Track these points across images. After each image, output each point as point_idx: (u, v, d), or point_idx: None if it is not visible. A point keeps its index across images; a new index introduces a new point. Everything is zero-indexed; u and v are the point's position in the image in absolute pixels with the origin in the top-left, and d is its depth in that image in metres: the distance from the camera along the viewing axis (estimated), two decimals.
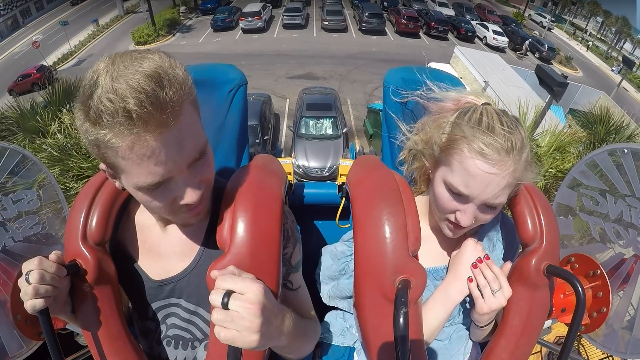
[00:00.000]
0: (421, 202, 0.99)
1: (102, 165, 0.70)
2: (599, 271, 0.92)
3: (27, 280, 0.68)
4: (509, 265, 0.87)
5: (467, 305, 0.97)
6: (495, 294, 0.83)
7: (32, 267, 0.69)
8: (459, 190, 0.79)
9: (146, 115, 0.57)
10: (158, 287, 0.85)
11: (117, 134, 0.58)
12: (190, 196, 0.69)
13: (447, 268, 0.95)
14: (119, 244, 0.87)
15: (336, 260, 1.07)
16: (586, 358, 3.15)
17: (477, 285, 0.85)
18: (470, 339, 1.03)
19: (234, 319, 0.58)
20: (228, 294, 0.59)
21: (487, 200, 0.78)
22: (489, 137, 0.75)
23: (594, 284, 0.93)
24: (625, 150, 0.99)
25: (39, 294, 0.68)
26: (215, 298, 0.59)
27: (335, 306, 1.11)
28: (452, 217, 0.84)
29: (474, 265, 0.87)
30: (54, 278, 0.71)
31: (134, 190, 0.67)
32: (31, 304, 0.68)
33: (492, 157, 0.74)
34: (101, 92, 0.56)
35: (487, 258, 0.87)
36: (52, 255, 0.74)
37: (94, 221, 0.79)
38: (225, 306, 0.58)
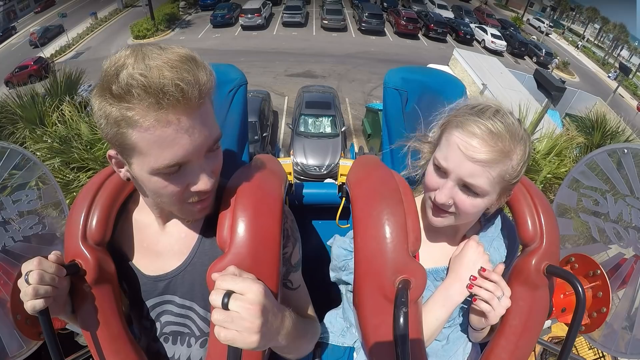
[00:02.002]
0: (421, 203, 0.99)
1: (111, 151, 0.69)
2: (599, 271, 0.92)
3: (27, 281, 0.67)
4: (501, 267, 0.87)
5: (466, 306, 0.97)
6: (501, 300, 0.82)
7: (31, 268, 0.69)
8: (439, 163, 0.82)
9: (181, 90, 0.58)
10: (152, 283, 0.85)
11: (145, 108, 0.58)
12: (205, 183, 0.69)
13: (448, 268, 0.95)
14: (116, 243, 0.86)
15: (339, 248, 1.06)
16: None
17: (483, 299, 0.84)
18: (469, 339, 1.03)
19: (234, 320, 0.58)
20: (228, 294, 0.58)
21: (463, 177, 0.79)
22: (476, 117, 0.77)
23: (594, 284, 0.93)
24: (625, 151, 0.99)
25: (38, 295, 0.67)
26: (216, 298, 0.59)
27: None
28: (432, 196, 0.86)
29: (470, 286, 0.86)
30: (53, 278, 0.70)
31: (148, 175, 0.66)
32: (31, 304, 0.67)
33: (472, 132, 0.76)
34: (132, 70, 0.57)
35: (484, 270, 0.85)
36: (52, 256, 0.74)
37: (94, 221, 0.79)
38: (225, 306, 0.58)
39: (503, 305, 0.82)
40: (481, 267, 0.87)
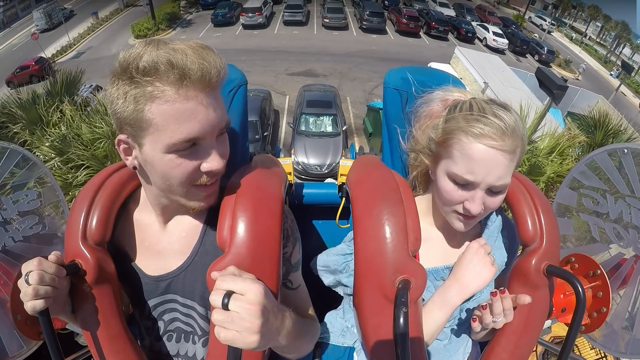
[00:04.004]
0: (423, 202, 0.98)
1: (122, 136, 0.70)
2: (599, 271, 0.92)
3: (27, 281, 0.68)
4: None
5: (468, 306, 0.97)
6: (497, 322, 0.82)
7: (31, 268, 0.69)
8: (464, 178, 0.79)
9: (204, 68, 0.64)
10: (154, 282, 0.85)
11: (168, 83, 0.62)
12: (218, 162, 0.71)
13: (449, 268, 0.94)
14: (116, 243, 0.86)
15: (333, 256, 1.06)
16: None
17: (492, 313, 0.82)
18: (470, 338, 1.03)
19: (234, 320, 0.58)
20: (228, 294, 0.59)
21: (492, 183, 0.78)
22: (484, 120, 0.76)
23: (594, 284, 0.93)
24: (625, 151, 0.99)
25: (38, 295, 0.68)
26: (216, 299, 0.59)
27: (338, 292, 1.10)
28: (460, 208, 0.83)
29: (494, 294, 0.82)
30: (53, 279, 0.70)
31: (161, 154, 0.67)
32: (31, 305, 0.67)
33: (490, 137, 0.75)
34: (154, 54, 0.62)
35: (503, 292, 0.81)
36: (52, 256, 0.74)
37: (94, 221, 0.79)
38: (225, 307, 0.58)
39: (499, 324, 0.82)
40: (502, 288, 0.83)
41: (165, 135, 0.65)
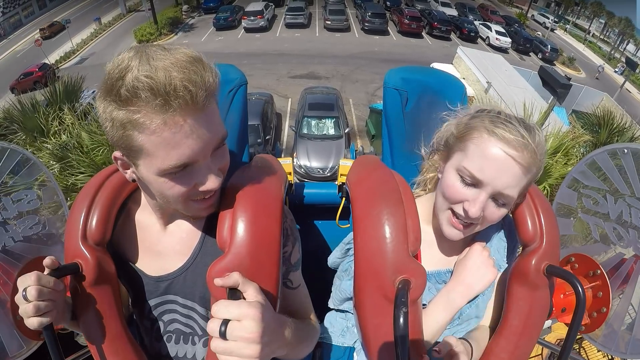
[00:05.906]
0: (428, 204, 0.99)
1: (117, 153, 0.69)
2: (599, 271, 0.92)
3: (25, 298, 0.66)
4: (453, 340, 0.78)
5: (468, 308, 0.97)
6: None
7: (29, 284, 0.67)
8: (472, 174, 0.78)
9: (189, 92, 0.59)
10: (154, 282, 0.86)
11: (152, 111, 0.58)
12: (213, 182, 0.70)
13: (451, 271, 0.94)
14: (117, 243, 0.87)
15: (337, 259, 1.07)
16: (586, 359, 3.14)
17: None
18: None
19: (233, 350, 0.58)
20: (225, 322, 0.58)
21: (499, 189, 0.77)
22: (510, 126, 0.75)
23: (594, 284, 0.92)
24: (626, 151, 0.99)
25: (40, 311, 0.68)
26: (213, 328, 0.59)
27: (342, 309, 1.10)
28: (458, 208, 0.82)
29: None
30: (52, 292, 0.70)
31: (155, 176, 0.67)
32: (38, 321, 0.67)
33: (511, 145, 0.74)
34: (137, 73, 0.57)
35: (439, 350, 0.77)
36: (47, 260, 0.73)
37: (94, 221, 0.79)
38: (223, 336, 0.58)
39: None
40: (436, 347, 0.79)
41: (157, 160, 0.64)
